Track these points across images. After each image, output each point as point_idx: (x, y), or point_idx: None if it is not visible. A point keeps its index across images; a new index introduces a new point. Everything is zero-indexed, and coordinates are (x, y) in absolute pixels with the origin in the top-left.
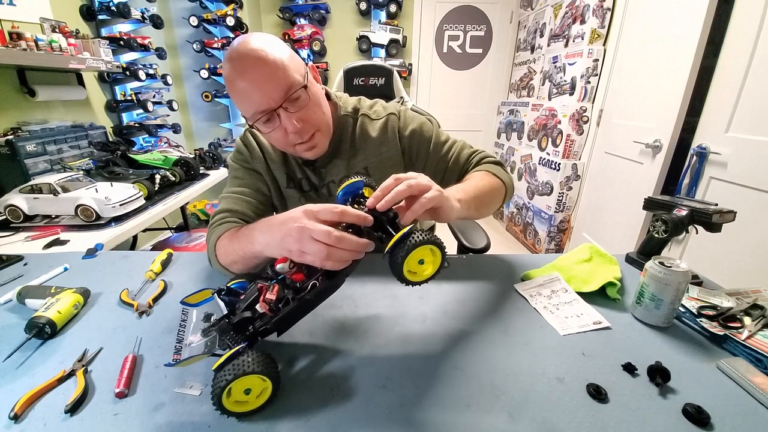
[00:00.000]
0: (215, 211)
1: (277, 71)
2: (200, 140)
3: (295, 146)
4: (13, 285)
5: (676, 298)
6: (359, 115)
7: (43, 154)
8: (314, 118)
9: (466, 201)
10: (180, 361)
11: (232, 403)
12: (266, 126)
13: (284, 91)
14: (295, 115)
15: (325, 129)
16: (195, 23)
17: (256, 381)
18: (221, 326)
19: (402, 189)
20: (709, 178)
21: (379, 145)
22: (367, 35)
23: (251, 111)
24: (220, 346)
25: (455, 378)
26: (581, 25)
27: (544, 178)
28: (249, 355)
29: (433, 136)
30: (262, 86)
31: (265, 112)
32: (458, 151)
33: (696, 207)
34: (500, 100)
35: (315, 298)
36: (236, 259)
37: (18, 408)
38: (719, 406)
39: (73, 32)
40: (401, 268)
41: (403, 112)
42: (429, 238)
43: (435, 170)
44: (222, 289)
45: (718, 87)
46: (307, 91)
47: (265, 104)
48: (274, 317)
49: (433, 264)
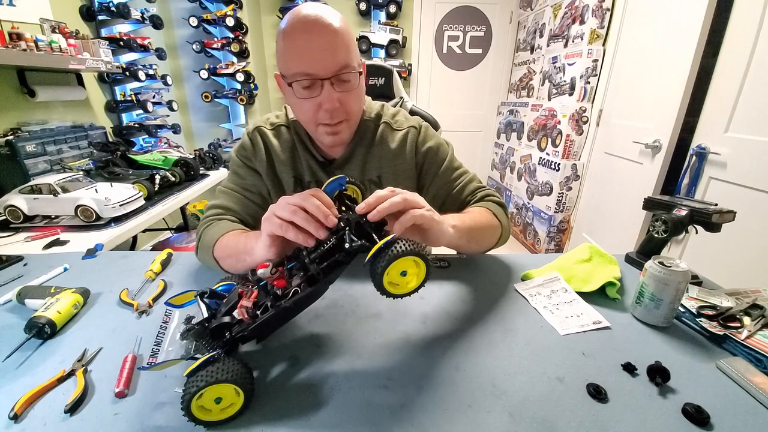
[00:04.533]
0: (211, 204)
1: (342, 45)
2: (200, 141)
3: (318, 126)
4: (13, 285)
5: (676, 297)
6: (381, 122)
7: (42, 155)
8: (351, 106)
9: (461, 230)
10: (155, 364)
11: (202, 410)
12: (304, 91)
13: (339, 66)
14: (337, 94)
15: (353, 122)
16: (195, 24)
17: (228, 390)
18: (197, 331)
19: (397, 201)
20: (708, 178)
21: (395, 156)
22: (367, 35)
23: (297, 69)
24: (199, 351)
25: (456, 378)
26: (581, 25)
27: (544, 179)
28: (224, 363)
29: (447, 159)
30: (322, 51)
31: (312, 77)
32: (466, 182)
33: (696, 207)
34: (500, 100)
35: (294, 305)
36: (232, 253)
37: (18, 408)
38: (719, 405)
39: (72, 33)
40: (381, 279)
41: (424, 128)
42: (413, 248)
43: (438, 192)
44: (205, 292)
45: (718, 87)
46: (358, 79)
47: (316, 69)
48: (251, 324)
49: (417, 276)
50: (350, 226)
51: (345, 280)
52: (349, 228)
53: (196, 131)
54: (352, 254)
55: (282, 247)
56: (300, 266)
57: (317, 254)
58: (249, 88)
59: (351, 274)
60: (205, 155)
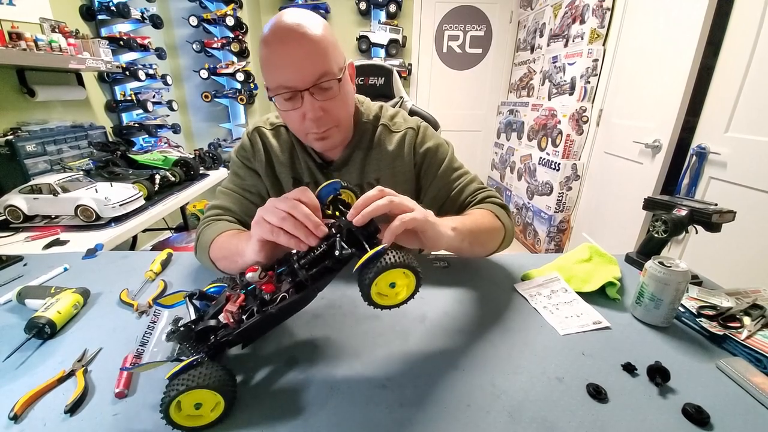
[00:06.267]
0: (211, 204)
1: (317, 53)
2: (200, 140)
3: (307, 134)
4: (12, 285)
5: (676, 297)
6: (379, 124)
7: (42, 155)
8: (337, 113)
9: (462, 232)
10: (138, 365)
11: (183, 416)
12: (286, 103)
13: (317, 76)
14: (319, 103)
15: (344, 127)
16: (195, 23)
17: (208, 396)
18: (182, 333)
19: (382, 204)
20: (708, 178)
21: (393, 158)
22: (367, 35)
23: (276, 83)
24: (183, 353)
25: (455, 378)
26: (581, 25)
27: (544, 178)
28: (204, 368)
29: (446, 160)
30: (297, 62)
31: (291, 90)
32: (466, 183)
33: (695, 207)
34: (500, 100)
35: (279, 312)
36: (226, 254)
37: (18, 408)
38: (719, 405)
39: (72, 32)
40: (369, 290)
41: (423, 129)
42: (401, 260)
43: (437, 194)
44: (194, 293)
45: (718, 87)
46: (339, 85)
47: (293, 81)
48: (236, 329)
49: (407, 288)
50: (341, 233)
51: (344, 280)
52: (341, 235)
53: (195, 131)
54: (343, 262)
55: (272, 251)
56: (289, 271)
57: (307, 260)
58: (249, 87)
59: (351, 275)
60: (205, 155)
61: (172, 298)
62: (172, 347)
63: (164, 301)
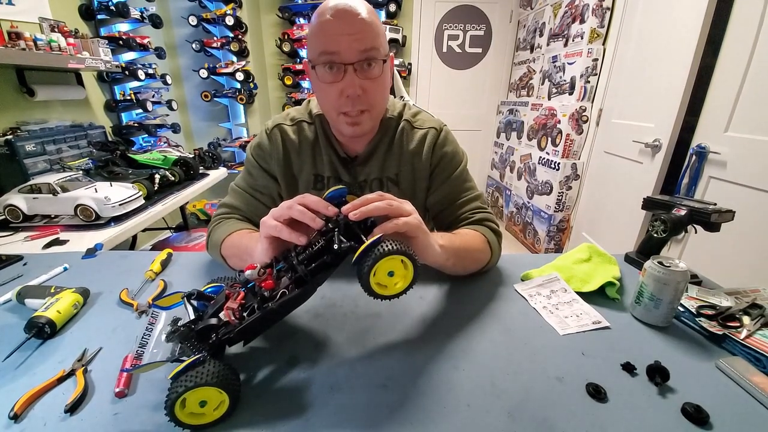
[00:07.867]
0: (221, 202)
1: (369, 31)
2: (200, 140)
3: (339, 114)
4: (12, 285)
5: (675, 297)
6: (402, 121)
7: (42, 154)
8: (373, 95)
9: (448, 251)
10: (138, 366)
11: (187, 414)
12: (327, 73)
13: (365, 50)
14: (360, 81)
15: (375, 114)
16: (194, 23)
17: (213, 393)
18: (182, 332)
19: (381, 205)
20: (708, 177)
21: (413, 155)
22: None
23: (321, 49)
24: (184, 353)
25: (455, 377)
26: (581, 24)
27: (544, 178)
28: (209, 366)
29: (459, 169)
30: (348, 35)
31: (334, 55)
32: (470, 198)
33: (695, 206)
34: (500, 99)
35: (280, 308)
36: (236, 252)
37: (18, 408)
38: (718, 405)
39: (72, 32)
40: (368, 278)
41: (445, 132)
42: (399, 248)
43: (441, 199)
44: (192, 294)
45: (718, 86)
46: (382, 67)
47: (340, 51)
48: (237, 326)
49: (404, 278)
50: (339, 228)
51: (344, 280)
52: (338, 229)
53: (195, 130)
54: (341, 256)
55: (280, 251)
56: (288, 267)
57: (306, 255)
58: (248, 87)
59: (350, 274)
60: (205, 154)
61: (170, 300)
62: (171, 347)
63: (162, 302)
